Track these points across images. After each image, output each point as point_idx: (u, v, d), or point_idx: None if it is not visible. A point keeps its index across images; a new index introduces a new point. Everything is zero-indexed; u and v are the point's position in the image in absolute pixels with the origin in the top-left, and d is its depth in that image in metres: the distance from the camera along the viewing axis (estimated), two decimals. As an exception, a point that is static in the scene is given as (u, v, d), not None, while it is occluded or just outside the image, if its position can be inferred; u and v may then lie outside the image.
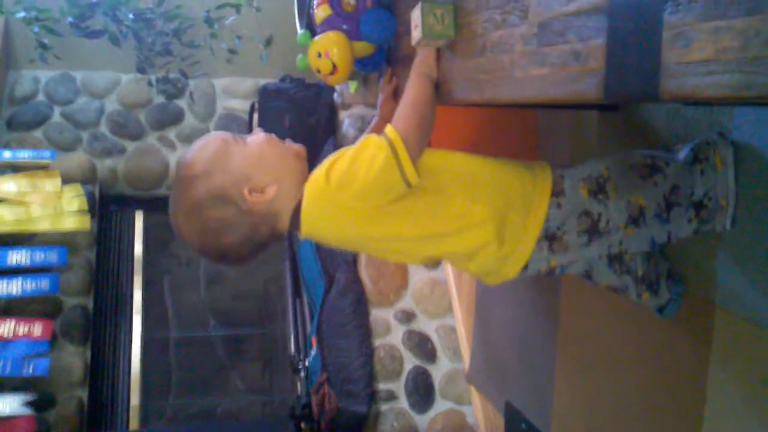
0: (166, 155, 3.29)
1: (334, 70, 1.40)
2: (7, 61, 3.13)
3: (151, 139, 3.29)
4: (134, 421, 2.99)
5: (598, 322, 1.93)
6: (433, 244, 1.24)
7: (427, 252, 1.28)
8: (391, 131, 1.15)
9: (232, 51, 3.18)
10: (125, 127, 3.25)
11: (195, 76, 3.28)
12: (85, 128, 3.21)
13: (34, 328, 2.56)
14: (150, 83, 3.24)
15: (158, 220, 3.32)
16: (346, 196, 1.15)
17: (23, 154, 2.78)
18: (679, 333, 1.58)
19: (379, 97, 1.52)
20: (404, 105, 1.20)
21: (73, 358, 2.81)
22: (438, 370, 2.96)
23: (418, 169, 1.15)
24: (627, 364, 1.81)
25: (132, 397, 3.02)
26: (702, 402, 1.50)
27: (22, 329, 2.55)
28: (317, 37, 1.43)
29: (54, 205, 2.70)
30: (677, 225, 1.27)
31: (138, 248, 3.27)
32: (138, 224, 3.30)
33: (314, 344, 2.95)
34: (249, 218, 1.20)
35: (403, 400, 2.88)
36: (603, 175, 1.24)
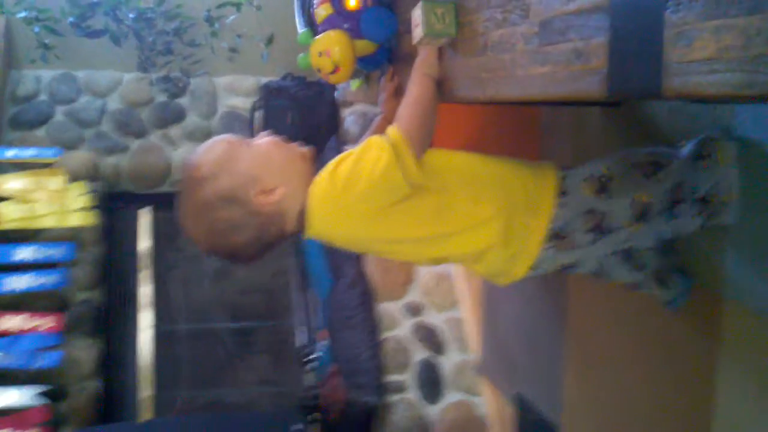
0: (169, 153, 3.29)
1: (336, 69, 1.40)
2: (9, 61, 3.13)
3: (154, 138, 3.29)
4: (147, 412, 3.02)
5: (606, 314, 1.93)
6: (438, 245, 1.25)
7: (433, 253, 1.29)
8: (393, 132, 1.16)
9: (233, 50, 3.18)
10: (128, 126, 3.25)
11: (196, 74, 3.28)
12: (87, 127, 3.21)
13: (45, 322, 2.58)
14: (151, 82, 3.25)
15: (166, 216, 3.33)
16: (351, 197, 1.16)
17: (28, 153, 2.78)
18: (688, 325, 1.59)
19: (381, 96, 1.52)
20: (406, 105, 1.21)
21: (84, 351, 2.84)
22: (447, 362, 2.97)
23: (422, 169, 1.15)
24: (636, 357, 1.82)
25: (144, 388, 3.06)
26: (712, 394, 1.51)
27: (34, 322, 2.57)
28: (318, 36, 1.43)
29: (59, 202, 2.71)
30: (683, 221, 1.27)
31: (144, 244, 3.29)
32: (144, 221, 3.32)
33: (321, 338, 2.96)
34: (257, 219, 1.21)
35: (413, 392, 2.90)
36: (605, 174, 1.23)
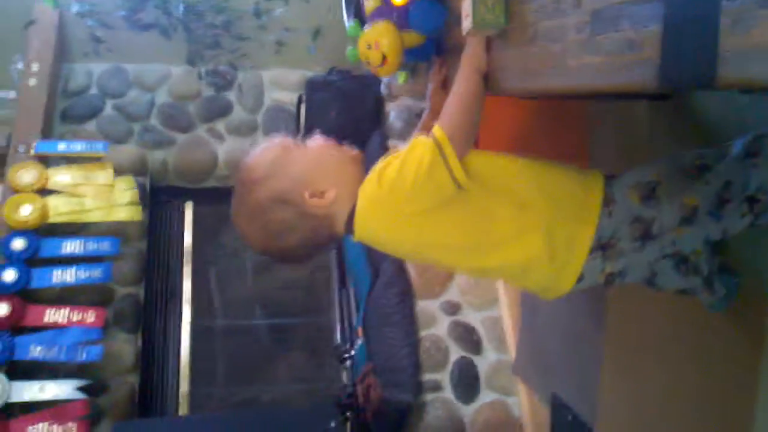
0: (215, 147, 3.33)
1: (384, 60, 1.41)
2: (62, 55, 3.21)
3: (201, 131, 3.33)
4: (183, 407, 3.04)
5: (645, 316, 1.90)
6: (483, 254, 1.25)
7: (478, 263, 1.28)
8: (437, 131, 1.16)
9: (280, 43, 3.21)
10: (175, 119, 3.30)
11: (244, 68, 3.32)
12: (136, 120, 3.27)
13: (87, 316, 2.63)
14: (199, 75, 3.30)
15: (207, 210, 3.38)
16: (398, 199, 1.17)
17: (77, 146, 2.84)
18: (731, 329, 1.55)
19: (429, 88, 1.52)
20: (451, 102, 1.21)
21: (125, 346, 2.87)
22: (483, 362, 2.95)
23: (467, 169, 1.15)
24: (675, 360, 1.79)
25: (181, 384, 3.08)
26: (753, 401, 1.48)
27: (76, 316, 2.62)
28: (367, 28, 1.44)
29: (107, 197, 2.76)
30: (731, 221, 1.25)
31: (188, 239, 3.33)
32: (188, 215, 3.36)
33: (360, 335, 2.97)
34: (309, 221, 1.24)
35: (449, 391, 2.88)
36: (652, 180, 1.22)
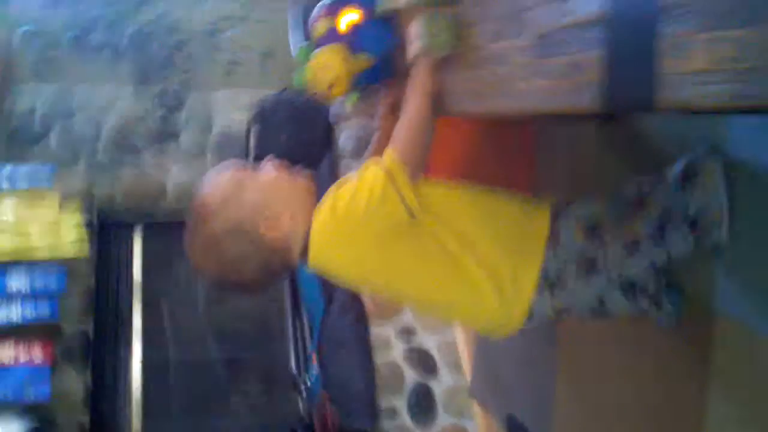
0: (164, 170, 3.28)
1: (333, 84, 1.41)
2: (8, 77, 3.14)
3: (149, 154, 3.28)
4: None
5: (596, 334, 1.93)
6: (433, 286, 1.26)
7: (430, 296, 1.29)
8: (389, 156, 1.17)
9: (231, 64, 3.20)
10: (123, 143, 3.25)
11: (193, 90, 3.29)
12: (83, 144, 3.20)
13: (34, 354, 2.57)
14: (149, 98, 3.25)
15: (156, 240, 3.32)
16: (351, 226, 1.18)
17: (23, 169, 2.78)
18: (679, 342, 1.58)
19: (379, 111, 1.53)
20: (402, 126, 1.22)
21: (74, 383, 2.78)
22: (440, 385, 2.95)
23: (418, 193, 1.16)
24: (627, 375, 1.81)
25: (134, 420, 3.00)
26: (703, 411, 1.50)
27: (23, 355, 2.55)
28: (316, 52, 1.44)
29: (53, 234, 2.72)
30: (674, 245, 1.28)
31: (137, 269, 3.26)
32: (137, 244, 3.30)
33: (314, 362, 2.94)
34: (264, 250, 1.24)
35: (405, 416, 2.87)
36: (596, 216, 1.25)
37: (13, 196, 2.75)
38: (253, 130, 3.11)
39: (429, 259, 1.22)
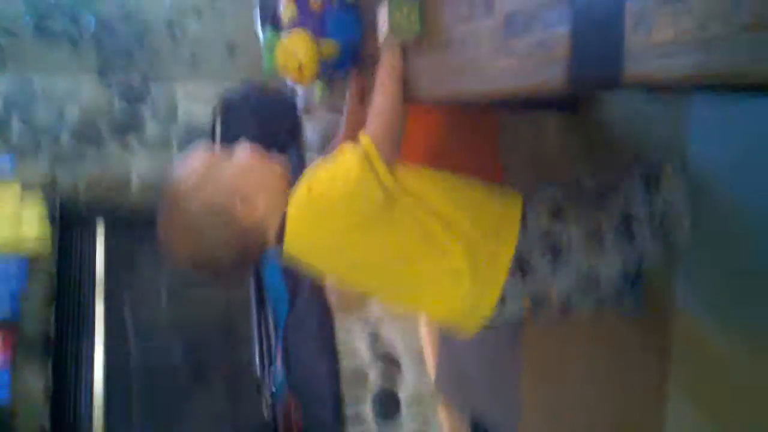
0: (128, 161, 3.24)
1: (303, 66, 1.40)
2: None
3: (112, 146, 3.24)
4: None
5: (560, 331, 1.95)
6: (408, 267, 1.25)
7: (402, 276, 1.29)
8: (365, 139, 1.17)
9: (194, 56, 3.17)
10: (85, 134, 3.20)
11: (157, 81, 3.25)
12: (44, 134, 3.14)
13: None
14: (110, 88, 3.21)
15: (120, 234, 3.27)
16: (328, 205, 1.17)
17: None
18: (639, 335, 1.61)
19: (347, 99, 1.53)
20: (374, 111, 1.22)
21: (35, 384, 2.73)
22: (404, 384, 2.95)
23: (395, 176, 1.17)
24: (590, 368, 1.84)
25: (96, 421, 2.97)
26: (663, 403, 1.53)
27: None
28: (283, 37, 1.43)
29: (13, 229, 2.65)
30: (642, 243, 1.28)
31: (99, 265, 3.22)
32: (100, 239, 3.25)
33: (279, 361, 2.92)
34: (240, 232, 1.22)
35: (370, 417, 2.87)
36: (558, 198, 1.27)
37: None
38: (218, 122, 3.09)
39: (406, 238, 1.22)
